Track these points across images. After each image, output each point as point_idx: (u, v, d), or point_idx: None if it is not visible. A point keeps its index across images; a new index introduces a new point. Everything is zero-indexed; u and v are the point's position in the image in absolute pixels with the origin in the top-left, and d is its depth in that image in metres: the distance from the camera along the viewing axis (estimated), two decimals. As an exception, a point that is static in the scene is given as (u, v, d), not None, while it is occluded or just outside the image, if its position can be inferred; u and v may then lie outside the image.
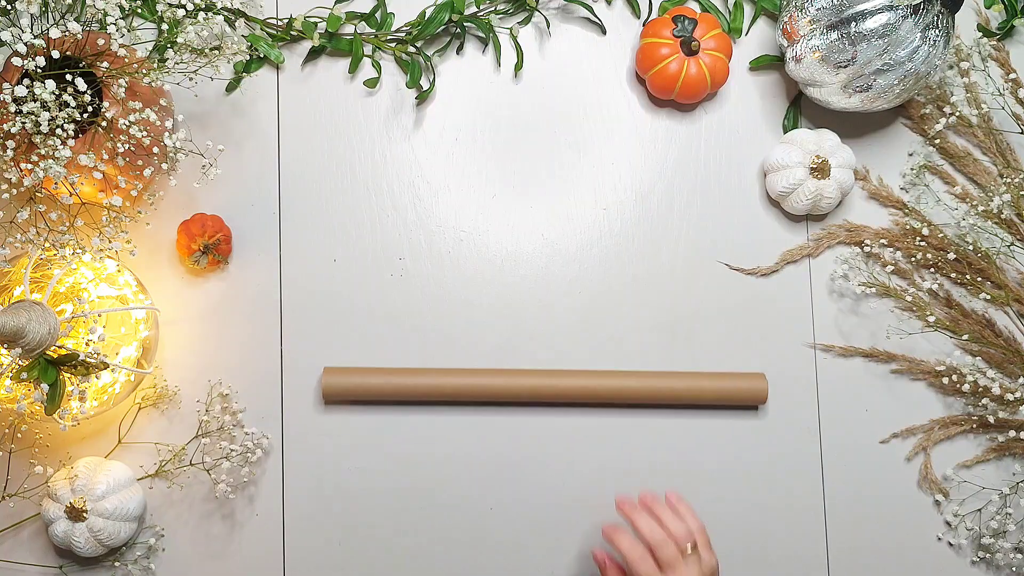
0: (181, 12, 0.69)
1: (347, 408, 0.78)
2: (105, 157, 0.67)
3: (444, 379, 0.77)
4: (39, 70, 0.62)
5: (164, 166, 0.70)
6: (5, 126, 0.63)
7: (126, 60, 0.67)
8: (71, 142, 0.64)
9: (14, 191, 0.66)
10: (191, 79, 0.70)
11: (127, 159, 0.67)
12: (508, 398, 0.78)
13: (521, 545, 0.78)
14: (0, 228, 0.68)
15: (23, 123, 0.62)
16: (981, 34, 0.84)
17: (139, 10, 0.77)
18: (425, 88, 0.81)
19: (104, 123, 0.66)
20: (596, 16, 0.83)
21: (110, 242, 0.68)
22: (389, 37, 0.81)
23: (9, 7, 0.66)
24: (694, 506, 0.80)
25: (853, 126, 0.84)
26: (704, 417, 0.80)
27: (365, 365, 0.79)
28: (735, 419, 0.81)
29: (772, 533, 0.80)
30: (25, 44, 0.62)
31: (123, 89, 0.65)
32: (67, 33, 0.63)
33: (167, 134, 0.68)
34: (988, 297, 0.81)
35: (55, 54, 0.62)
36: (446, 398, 0.78)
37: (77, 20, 0.69)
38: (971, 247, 0.82)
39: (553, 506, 0.79)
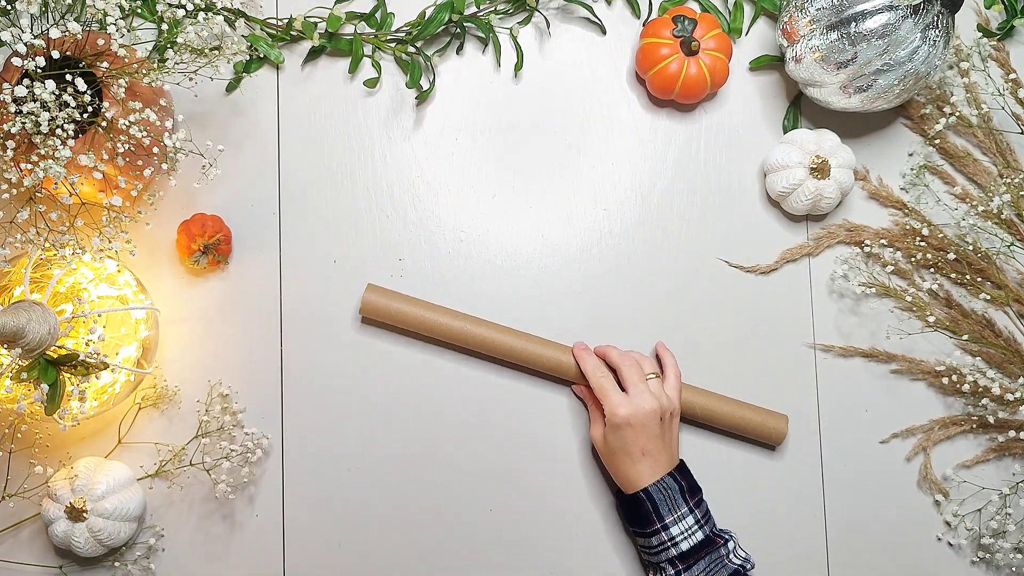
0: (181, 12, 0.69)
1: (346, 408, 0.78)
2: (105, 157, 0.67)
3: (470, 326, 0.77)
4: (39, 70, 0.62)
5: (164, 166, 0.70)
6: (5, 126, 0.63)
7: (126, 60, 0.67)
8: (71, 142, 0.64)
9: (14, 191, 0.66)
10: (191, 79, 0.70)
11: (127, 159, 0.67)
12: (526, 362, 0.77)
13: (521, 546, 0.78)
14: (0, 228, 0.68)
15: (23, 123, 0.62)
16: (981, 34, 0.84)
17: (139, 10, 0.77)
18: (425, 88, 0.81)
19: (104, 123, 0.66)
20: (596, 16, 0.83)
21: (110, 242, 0.68)
22: (389, 37, 0.81)
23: (9, 7, 0.66)
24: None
25: (853, 126, 0.84)
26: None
27: (364, 365, 0.79)
28: (735, 419, 0.81)
29: (772, 533, 0.80)
30: (25, 44, 0.62)
31: (123, 89, 0.65)
32: (67, 33, 0.63)
33: (167, 134, 0.68)
34: (988, 297, 0.81)
35: (55, 54, 0.62)
36: (470, 346, 0.77)
37: (77, 20, 0.69)
38: (971, 247, 0.82)
39: (554, 508, 0.79)
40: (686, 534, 0.70)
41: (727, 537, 0.72)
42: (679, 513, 0.70)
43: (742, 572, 0.70)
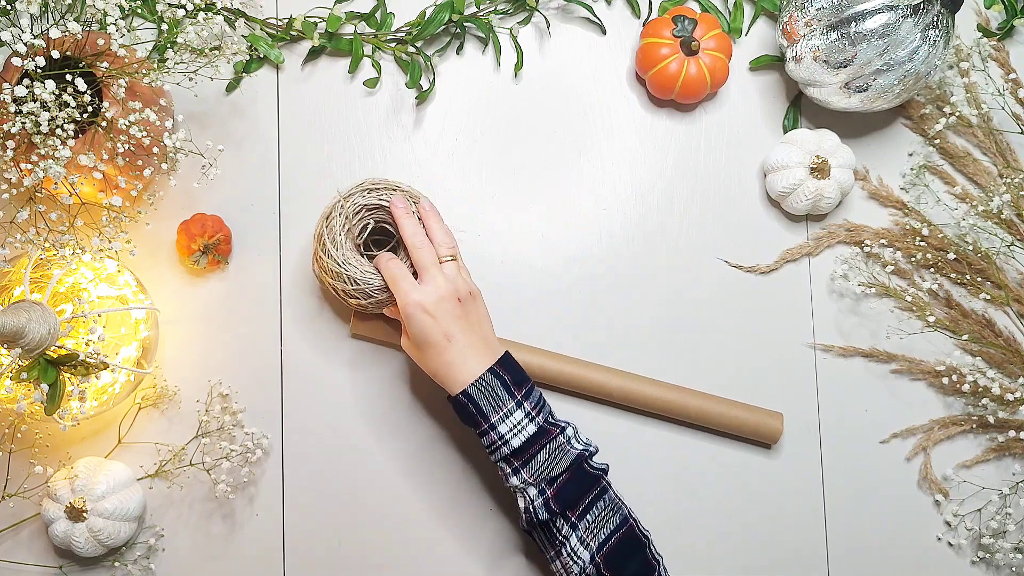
0: (181, 12, 0.69)
1: (346, 409, 0.78)
2: (105, 157, 0.67)
3: None
4: (39, 70, 0.62)
5: (164, 166, 0.70)
6: (5, 126, 0.63)
7: (126, 60, 0.67)
8: (71, 142, 0.64)
9: (14, 191, 0.66)
10: (191, 79, 0.70)
11: (127, 159, 0.67)
12: (548, 380, 0.77)
13: (521, 545, 0.78)
14: (0, 228, 0.68)
15: (23, 123, 0.62)
16: (981, 34, 0.84)
17: (139, 10, 0.77)
18: (425, 88, 0.81)
19: (104, 123, 0.66)
20: (596, 16, 0.83)
21: (110, 242, 0.68)
22: (389, 37, 0.81)
23: (9, 7, 0.66)
24: (694, 508, 0.80)
25: (853, 126, 0.84)
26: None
27: (364, 365, 0.79)
28: (735, 419, 0.81)
29: (772, 533, 0.80)
30: (25, 44, 0.62)
31: (123, 89, 0.65)
32: (67, 33, 0.63)
33: (167, 134, 0.68)
34: (988, 297, 0.81)
35: (55, 54, 0.62)
36: None
37: (77, 20, 0.69)
38: (971, 247, 0.82)
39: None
40: (516, 430, 0.66)
41: (563, 424, 0.69)
42: (505, 410, 0.66)
43: (586, 455, 0.68)
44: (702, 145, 0.83)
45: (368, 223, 0.73)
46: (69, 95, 0.63)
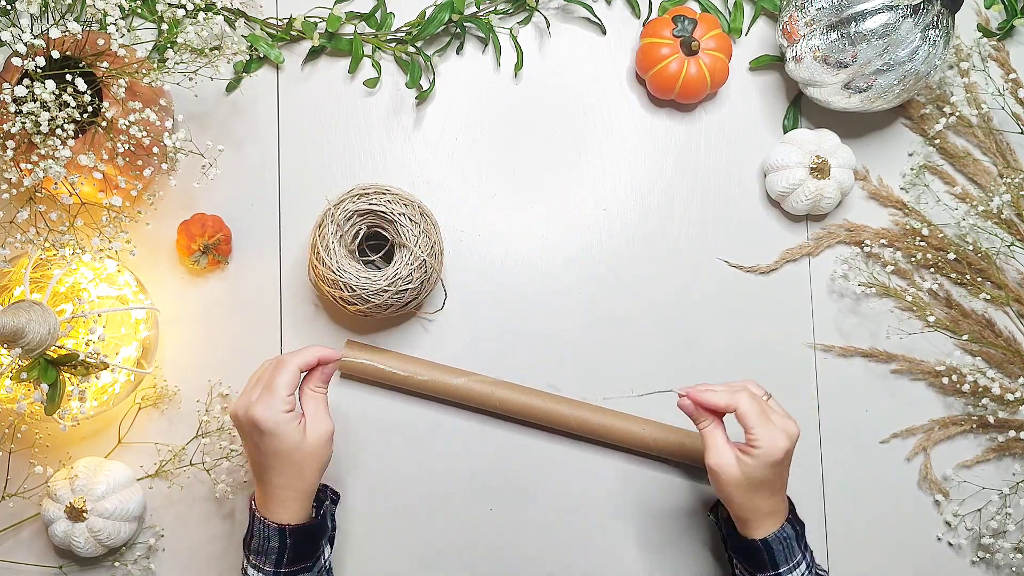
0: (181, 12, 0.69)
1: (345, 411, 0.78)
2: (105, 157, 0.67)
3: (456, 379, 0.77)
4: (39, 70, 0.62)
5: (164, 166, 0.70)
6: (5, 126, 0.63)
7: (126, 60, 0.68)
8: (71, 142, 0.64)
9: (14, 191, 0.66)
10: (191, 79, 0.70)
11: (127, 159, 0.67)
12: (512, 413, 0.78)
13: (520, 546, 0.78)
14: (0, 228, 0.68)
15: (23, 123, 0.62)
16: (981, 34, 0.84)
17: (139, 10, 0.77)
18: (425, 88, 0.81)
19: (104, 123, 0.66)
20: (596, 16, 0.83)
21: (110, 242, 0.68)
22: (389, 37, 0.81)
23: (9, 7, 0.66)
24: (695, 513, 0.80)
25: (853, 126, 0.84)
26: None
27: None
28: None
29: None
30: (25, 44, 0.62)
31: (123, 89, 0.65)
32: (67, 33, 0.63)
33: (167, 134, 0.68)
34: (988, 297, 0.81)
35: (55, 54, 0.62)
36: (453, 398, 0.77)
37: (77, 20, 0.69)
38: (971, 247, 0.82)
39: (550, 511, 0.79)
40: None
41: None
42: (794, 562, 0.66)
43: None
44: (702, 145, 0.83)
45: (360, 228, 0.74)
46: (69, 95, 0.63)
